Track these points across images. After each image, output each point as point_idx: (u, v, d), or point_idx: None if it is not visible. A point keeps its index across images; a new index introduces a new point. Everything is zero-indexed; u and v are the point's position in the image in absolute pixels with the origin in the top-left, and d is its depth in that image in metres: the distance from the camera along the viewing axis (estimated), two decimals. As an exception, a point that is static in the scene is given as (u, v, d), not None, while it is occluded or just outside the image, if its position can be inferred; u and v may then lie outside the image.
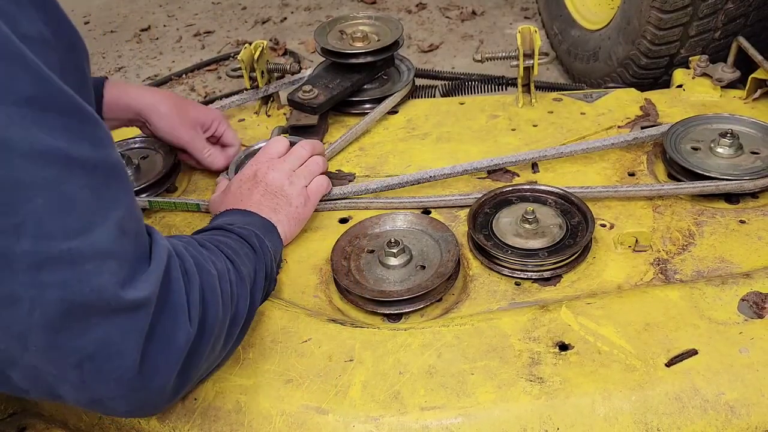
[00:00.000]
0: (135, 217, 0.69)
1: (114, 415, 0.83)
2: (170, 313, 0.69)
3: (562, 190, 1.18)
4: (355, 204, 1.24)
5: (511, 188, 1.20)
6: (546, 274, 1.07)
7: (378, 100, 1.50)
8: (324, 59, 1.56)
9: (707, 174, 1.19)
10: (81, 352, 0.63)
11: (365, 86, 1.54)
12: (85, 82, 0.66)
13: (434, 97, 1.89)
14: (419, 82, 1.93)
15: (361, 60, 1.50)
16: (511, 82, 1.76)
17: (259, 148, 1.35)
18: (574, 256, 1.08)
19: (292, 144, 1.23)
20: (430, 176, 1.26)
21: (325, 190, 1.21)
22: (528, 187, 1.20)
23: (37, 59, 0.57)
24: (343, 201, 1.24)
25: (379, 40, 1.53)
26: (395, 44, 1.53)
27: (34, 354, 0.62)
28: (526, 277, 1.07)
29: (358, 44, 1.52)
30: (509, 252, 1.08)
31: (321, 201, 1.22)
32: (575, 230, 1.12)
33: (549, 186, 1.20)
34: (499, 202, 1.19)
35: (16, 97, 0.56)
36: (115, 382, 0.66)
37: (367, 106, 1.51)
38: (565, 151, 1.29)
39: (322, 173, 1.22)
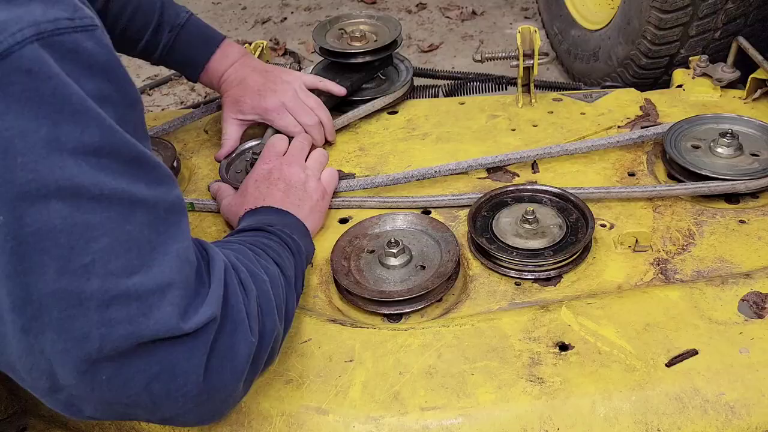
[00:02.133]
0: (190, 247, 0.71)
1: (186, 426, 0.85)
2: (232, 328, 0.71)
3: (562, 190, 1.18)
4: (355, 204, 1.24)
5: (511, 188, 1.20)
6: (546, 275, 1.07)
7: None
8: (322, 59, 1.57)
9: (707, 174, 1.19)
10: (147, 376, 0.65)
11: (364, 86, 1.54)
12: (144, 133, 0.71)
13: (437, 96, 1.89)
14: (421, 81, 1.94)
15: (360, 59, 1.50)
16: (512, 82, 1.76)
17: (248, 149, 1.36)
18: (574, 256, 1.08)
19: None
20: (435, 171, 1.26)
21: (337, 181, 1.23)
22: (528, 187, 1.20)
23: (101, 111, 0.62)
24: (343, 201, 1.24)
25: (377, 40, 1.53)
26: (394, 43, 1.53)
27: (102, 386, 0.64)
28: (526, 277, 1.07)
29: (357, 44, 1.52)
30: (509, 252, 1.08)
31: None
32: (575, 230, 1.12)
33: (549, 186, 1.20)
34: (499, 202, 1.19)
35: (86, 147, 0.60)
36: (182, 399, 0.68)
37: (363, 106, 1.51)
38: (568, 148, 1.29)
39: (326, 163, 1.25)
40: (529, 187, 1.20)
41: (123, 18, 1.28)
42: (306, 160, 1.21)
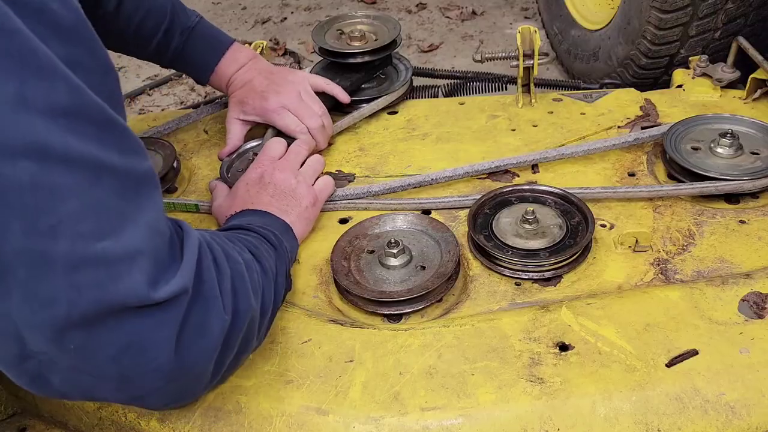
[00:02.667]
0: (163, 219, 0.71)
1: (153, 409, 0.85)
2: (204, 303, 0.71)
3: (562, 190, 1.18)
4: (355, 204, 1.24)
5: (511, 188, 1.20)
6: (546, 275, 1.07)
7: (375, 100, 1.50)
8: (321, 59, 1.57)
9: (707, 174, 1.19)
10: (117, 347, 0.64)
11: (364, 86, 1.54)
12: (119, 102, 0.70)
13: (437, 96, 1.89)
14: (422, 81, 1.94)
15: (360, 59, 1.50)
16: (512, 81, 1.76)
17: (249, 149, 1.36)
18: (574, 257, 1.08)
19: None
20: (432, 179, 1.26)
21: (331, 189, 1.22)
22: (528, 187, 1.20)
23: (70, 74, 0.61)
24: (343, 201, 1.24)
25: (377, 39, 1.53)
26: (393, 43, 1.53)
27: (72, 354, 0.63)
28: (526, 277, 1.07)
29: (356, 43, 1.52)
30: (509, 252, 1.08)
31: (321, 202, 1.23)
32: (575, 230, 1.12)
33: (549, 186, 1.20)
34: (499, 202, 1.19)
35: (55, 107, 0.59)
36: (152, 374, 0.67)
37: (365, 106, 1.51)
38: (565, 152, 1.29)
39: (323, 170, 1.24)
40: (528, 187, 1.20)
41: (135, 19, 1.28)
42: (302, 166, 1.20)
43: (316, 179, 1.21)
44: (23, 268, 0.59)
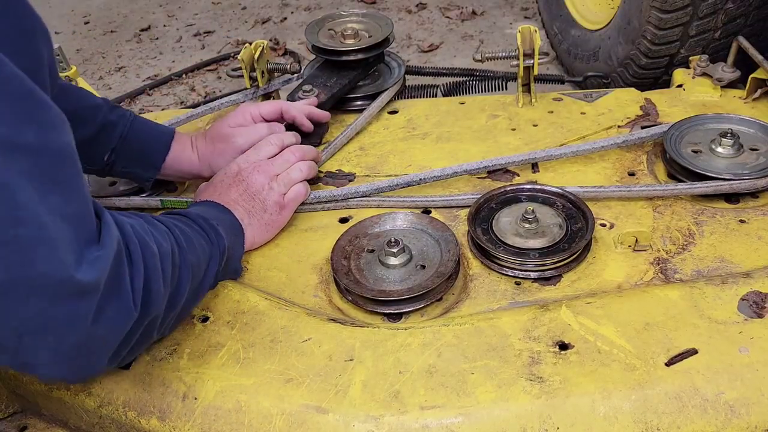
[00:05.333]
0: (82, 201, 0.68)
1: (43, 379, 0.85)
2: (115, 297, 0.70)
3: (561, 189, 1.18)
4: (355, 204, 1.25)
5: (510, 188, 1.20)
6: (546, 274, 1.07)
7: (371, 97, 1.51)
8: (313, 59, 1.57)
9: (707, 174, 1.19)
10: (21, 320, 0.63)
11: (358, 83, 1.55)
12: (41, 66, 0.66)
13: (435, 96, 1.89)
14: (422, 81, 1.94)
15: (356, 57, 1.50)
16: (512, 77, 1.76)
17: None
18: (573, 256, 1.08)
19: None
20: (435, 176, 1.26)
21: (303, 198, 1.20)
22: (528, 186, 1.21)
23: None
24: (343, 201, 1.24)
25: (370, 36, 1.54)
26: (387, 40, 1.53)
27: None
28: (526, 276, 1.07)
29: (350, 41, 1.52)
30: (509, 252, 1.08)
31: (322, 202, 1.23)
32: (575, 230, 1.12)
33: (549, 186, 1.20)
34: (499, 201, 1.19)
35: None
36: (52, 353, 0.67)
37: (359, 102, 1.52)
38: (564, 152, 1.29)
39: (304, 179, 1.21)
40: (529, 186, 1.21)
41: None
42: (286, 170, 1.18)
43: (291, 187, 1.18)
44: None
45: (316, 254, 1.14)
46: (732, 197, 1.20)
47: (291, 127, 1.37)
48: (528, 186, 1.21)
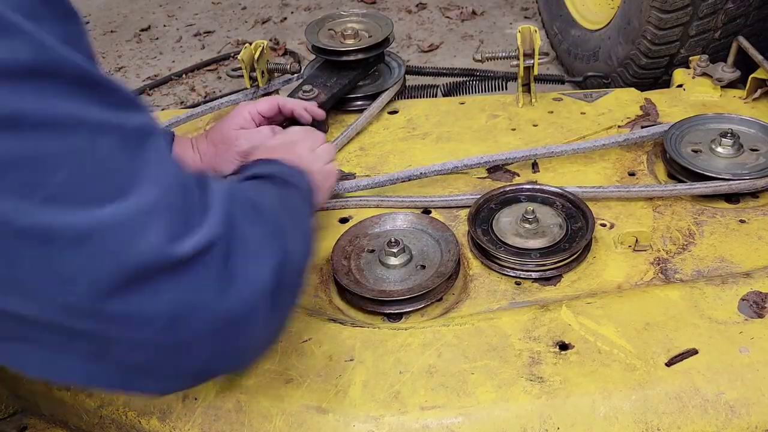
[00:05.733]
0: (176, 172, 0.65)
1: (218, 373, 0.77)
2: (242, 251, 0.65)
3: (562, 189, 1.18)
4: (354, 203, 1.25)
5: (510, 188, 1.20)
6: (546, 274, 1.07)
7: (371, 97, 1.51)
8: (313, 59, 1.57)
9: (707, 174, 1.19)
10: (163, 315, 0.59)
11: (358, 83, 1.55)
12: (89, 50, 0.64)
13: (436, 96, 1.90)
14: (422, 81, 1.94)
15: (356, 57, 1.51)
16: (512, 77, 1.76)
17: None
18: (574, 256, 1.08)
19: None
20: (435, 171, 1.26)
21: (336, 177, 1.15)
22: (528, 186, 1.21)
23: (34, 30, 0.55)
24: (343, 200, 1.24)
25: (370, 36, 1.54)
26: (387, 40, 1.53)
27: (109, 325, 0.59)
28: (526, 276, 1.07)
29: (350, 41, 1.53)
30: (509, 252, 1.08)
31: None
32: (575, 230, 1.12)
33: (549, 186, 1.20)
34: (499, 201, 1.19)
35: (19, 68, 0.53)
36: (208, 335, 0.62)
37: (360, 102, 1.52)
38: (566, 149, 1.29)
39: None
40: (529, 186, 1.21)
41: None
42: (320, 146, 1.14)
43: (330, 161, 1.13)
44: (30, 251, 0.53)
45: (315, 254, 1.14)
46: (732, 197, 1.20)
47: (291, 123, 1.36)
48: (528, 186, 1.21)
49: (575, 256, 1.09)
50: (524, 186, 1.21)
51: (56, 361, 0.62)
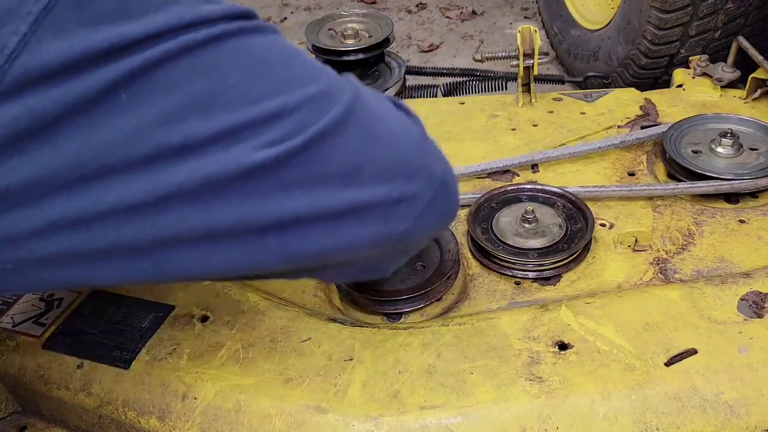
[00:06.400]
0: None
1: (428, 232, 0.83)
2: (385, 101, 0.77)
3: (561, 189, 1.18)
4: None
5: (511, 188, 1.20)
6: (546, 274, 1.07)
7: None
8: (315, 57, 1.57)
9: (707, 174, 1.19)
10: (340, 170, 0.65)
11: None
12: None
13: (436, 96, 1.90)
14: (422, 81, 1.94)
15: (356, 57, 1.51)
16: (512, 77, 1.76)
17: None
18: (573, 256, 1.08)
19: None
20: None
21: None
22: (527, 186, 1.21)
23: None
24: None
25: (371, 36, 1.54)
26: (387, 40, 1.53)
27: (306, 197, 0.64)
28: (523, 276, 1.07)
29: (350, 41, 1.53)
30: (508, 251, 1.08)
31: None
32: (575, 230, 1.12)
33: (548, 186, 1.20)
34: (498, 201, 1.19)
35: None
36: (388, 181, 0.69)
37: None
38: (564, 153, 1.30)
39: None
40: (528, 186, 1.21)
41: None
42: None
43: None
44: (220, 149, 0.58)
45: (315, 254, 1.14)
46: (732, 197, 1.20)
47: None
48: (529, 186, 1.21)
49: (574, 256, 1.08)
50: (525, 186, 1.21)
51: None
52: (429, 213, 0.74)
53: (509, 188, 1.20)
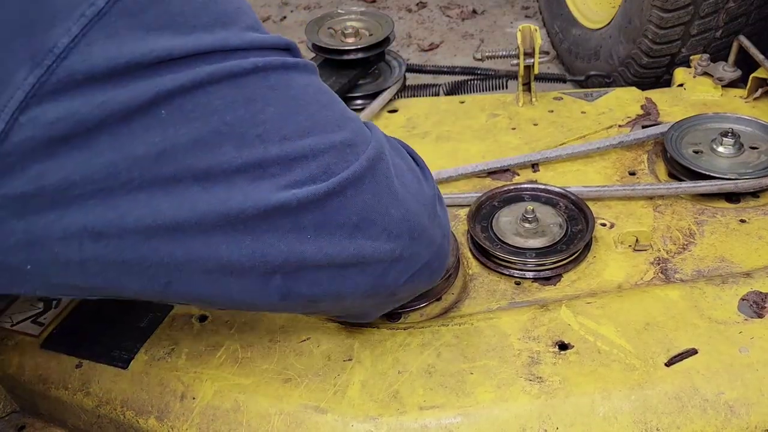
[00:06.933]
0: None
1: (423, 284, 0.85)
2: (401, 154, 0.81)
3: (562, 189, 1.18)
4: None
5: (511, 187, 1.20)
6: (546, 274, 1.07)
7: (371, 96, 1.50)
8: (313, 58, 1.57)
9: (708, 173, 1.18)
10: (351, 220, 0.67)
11: (358, 82, 1.55)
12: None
13: (438, 95, 1.89)
14: (423, 80, 1.94)
15: (356, 56, 1.50)
16: (513, 76, 1.76)
17: None
18: (573, 256, 1.08)
19: None
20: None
21: None
22: (528, 186, 1.20)
23: None
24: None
25: (371, 35, 1.54)
26: (388, 39, 1.53)
27: (316, 242, 0.65)
28: (520, 275, 1.07)
29: (350, 40, 1.52)
30: (506, 250, 1.08)
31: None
32: (575, 231, 1.12)
33: (549, 185, 1.19)
34: (499, 201, 1.18)
35: (245, 25, 0.62)
36: (396, 232, 0.71)
37: (359, 102, 1.52)
38: (564, 153, 1.29)
39: None
40: (529, 186, 1.20)
41: None
42: None
43: None
44: (245, 181, 0.59)
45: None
46: (733, 197, 1.20)
47: None
48: (528, 185, 1.20)
49: (574, 256, 1.08)
50: (524, 185, 1.20)
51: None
52: (422, 273, 0.77)
53: (509, 188, 1.20)
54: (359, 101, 1.52)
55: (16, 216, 0.55)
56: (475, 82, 1.91)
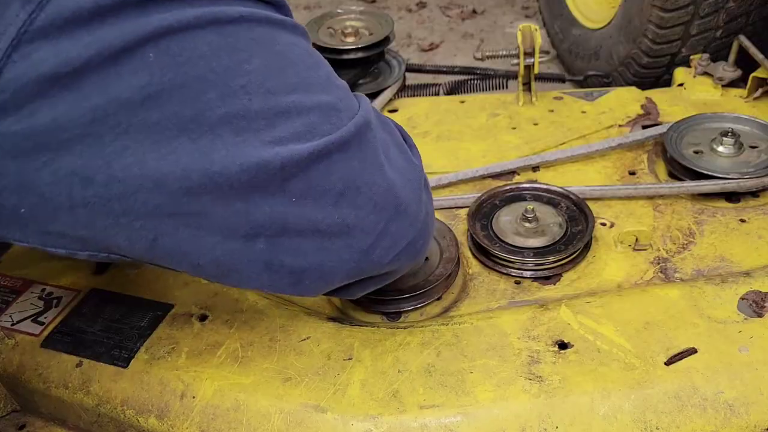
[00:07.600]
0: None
1: (402, 265, 0.83)
2: (388, 127, 0.79)
3: (562, 188, 1.18)
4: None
5: (511, 187, 1.20)
6: (545, 273, 1.07)
7: (371, 95, 1.50)
8: None
9: (708, 173, 1.18)
10: (337, 187, 0.66)
11: (358, 81, 1.55)
12: None
13: (438, 95, 1.89)
14: (425, 79, 1.94)
15: (356, 55, 1.50)
16: (513, 75, 1.76)
17: None
18: (572, 256, 1.08)
19: None
20: (434, 183, 1.26)
21: None
22: (528, 185, 1.20)
23: None
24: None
25: (371, 35, 1.54)
26: (388, 38, 1.53)
27: (297, 204, 0.65)
28: (517, 275, 1.07)
29: (350, 39, 1.52)
30: (505, 250, 1.08)
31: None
32: (575, 231, 1.12)
33: (549, 185, 1.19)
34: (499, 200, 1.18)
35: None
36: (376, 209, 0.70)
37: None
38: (561, 156, 1.30)
39: None
40: (529, 185, 1.20)
41: None
42: None
43: None
44: (230, 133, 0.59)
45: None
46: (732, 196, 1.20)
47: None
48: (528, 185, 1.20)
49: (574, 256, 1.08)
50: (524, 185, 1.20)
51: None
52: (408, 251, 0.77)
53: (509, 187, 1.20)
54: None
55: (9, 155, 0.55)
56: (475, 81, 1.91)
